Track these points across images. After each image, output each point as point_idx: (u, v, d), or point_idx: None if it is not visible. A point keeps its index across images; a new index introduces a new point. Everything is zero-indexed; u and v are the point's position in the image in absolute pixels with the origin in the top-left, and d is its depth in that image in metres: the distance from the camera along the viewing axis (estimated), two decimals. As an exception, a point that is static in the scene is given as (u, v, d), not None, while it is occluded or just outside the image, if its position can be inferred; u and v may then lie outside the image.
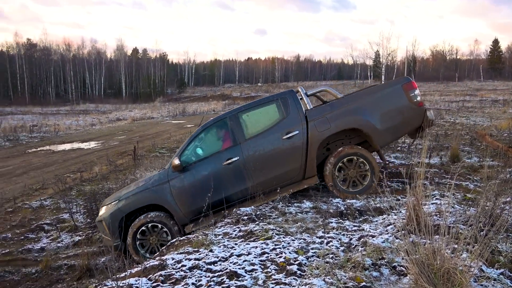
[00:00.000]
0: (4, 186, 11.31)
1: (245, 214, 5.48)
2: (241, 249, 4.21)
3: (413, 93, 6.04)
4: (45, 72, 72.17)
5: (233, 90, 69.04)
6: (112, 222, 6.04)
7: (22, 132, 23.26)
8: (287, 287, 3.26)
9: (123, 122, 30.47)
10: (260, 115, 6.28)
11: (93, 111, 44.96)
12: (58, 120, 31.38)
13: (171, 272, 3.81)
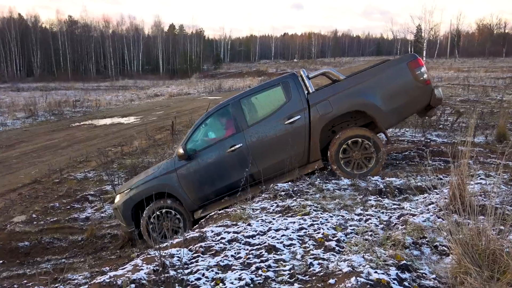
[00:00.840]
0: (51, 158, 11.86)
1: (282, 190, 5.51)
2: (279, 224, 4.25)
3: (419, 70, 5.76)
4: (85, 48, 74.03)
5: (268, 66, 68.49)
6: (124, 210, 6.26)
7: (65, 107, 24.13)
8: (325, 263, 3.27)
9: (160, 98, 31.00)
10: (262, 100, 6.23)
11: (132, 86, 45.89)
12: (99, 96, 32.30)
13: (210, 244, 3.91)
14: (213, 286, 3.10)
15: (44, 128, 18.18)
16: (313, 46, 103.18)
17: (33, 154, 12.69)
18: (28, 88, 46.28)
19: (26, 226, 7.50)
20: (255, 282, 3.14)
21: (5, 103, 27.22)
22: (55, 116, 21.70)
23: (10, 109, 23.46)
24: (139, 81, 56.43)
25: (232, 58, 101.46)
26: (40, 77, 62.38)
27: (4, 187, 9.42)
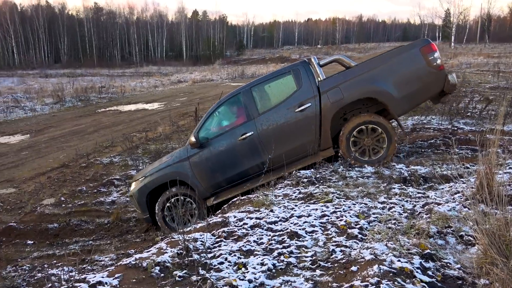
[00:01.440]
0: (78, 143, 12.16)
1: (305, 177, 5.50)
2: (301, 211, 4.26)
3: (432, 56, 5.59)
4: (111, 35, 74.96)
5: (292, 52, 67.91)
6: (139, 197, 6.39)
7: (92, 93, 24.60)
8: (348, 250, 3.27)
9: (184, 84, 31.21)
10: (273, 88, 6.19)
11: (156, 73, 46.33)
12: (124, 82, 32.77)
13: (233, 229, 3.95)
14: (235, 271, 3.14)
15: (71, 113, 18.61)
16: (337, 32, 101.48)
17: (61, 139, 13.03)
18: (55, 74, 47.33)
19: (55, 209, 7.75)
20: (277, 267, 3.18)
21: (34, 89, 27.93)
22: (81, 102, 22.16)
23: (39, 95, 24.08)
24: (163, 67, 56.89)
25: (255, 44, 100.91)
26: (67, 64, 63.68)
27: (34, 170, 9.73)
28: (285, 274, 3.09)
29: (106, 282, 3.02)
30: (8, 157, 11.03)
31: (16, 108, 19.77)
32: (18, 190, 8.63)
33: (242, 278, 2.99)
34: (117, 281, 3.05)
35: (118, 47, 74.93)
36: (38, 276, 5.66)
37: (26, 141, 13.12)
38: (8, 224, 7.15)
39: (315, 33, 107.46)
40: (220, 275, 3.04)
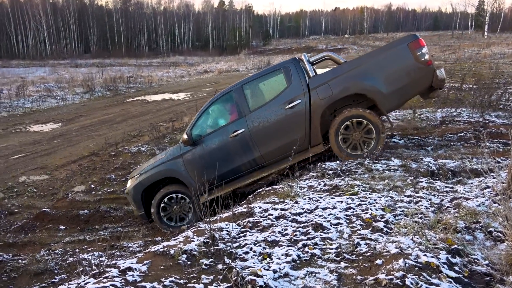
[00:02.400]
0: (107, 132, 12.46)
1: (330, 169, 5.49)
2: (326, 203, 4.26)
3: (420, 51, 5.61)
4: (138, 25, 75.91)
5: (318, 42, 67.13)
6: (135, 194, 6.50)
7: (120, 82, 25.08)
8: (373, 243, 3.26)
9: (210, 74, 31.38)
10: (264, 86, 6.26)
11: (182, 63, 46.75)
12: (151, 72, 33.22)
13: (258, 220, 4.00)
14: (260, 260, 3.19)
15: (100, 103, 19.05)
16: (365, 21, 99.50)
17: (91, 128, 13.38)
18: (85, 64, 48.39)
19: (86, 196, 8.00)
20: (301, 258, 3.20)
21: (65, 78, 28.67)
22: (110, 91, 22.62)
23: (69, 84, 24.72)
24: (189, 57, 57.32)
25: (281, 34, 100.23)
26: (96, 54, 64.97)
27: (66, 158, 10.05)
28: (309, 265, 3.12)
29: (136, 268, 3.13)
30: (41, 145, 11.43)
31: (48, 97, 20.37)
32: (51, 177, 8.94)
33: (267, 268, 3.04)
34: (145, 268, 3.15)
35: (145, 37, 75.86)
36: (70, 260, 5.89)
37: (58, 130, 13.54)
38: (42, 209, 7.43)
39: (343, 22, 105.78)
40: (245, 265, 3.09)
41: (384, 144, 5.84)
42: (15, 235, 6.74)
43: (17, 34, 67.10)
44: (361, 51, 48.46)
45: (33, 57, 60.81)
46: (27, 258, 5.92)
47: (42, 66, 47.19)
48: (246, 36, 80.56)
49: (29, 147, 11.26)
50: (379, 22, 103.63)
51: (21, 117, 16.38)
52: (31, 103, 19.11)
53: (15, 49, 66.70)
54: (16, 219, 7.28)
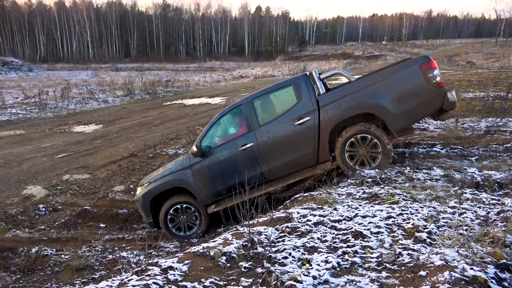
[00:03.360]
0: (146, 134, 12.77)
1: (369, 177, 5.40)
2: (365, 211, 4.20)
3: (431, 73, 5.55)
4: (177, 31, 77.64)
5: (355, 49, 66.32)
6: (144, 202, 6.58)
7: (158, 86, 25.65)
8: (415, 254, 3.19)
9: (245, 80, 31.61)
10: (274, 101, 6.30)
11: (218, 68, 47.33)
12: (188, 76, 33.82)
13: (297, 225, 3.99)
14: (299, 266, 3.18)
15: (139, 106, 19.56)
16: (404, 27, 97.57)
17: (131, 130, 13.75)
18: (125, 68, 49.89)
19: (125, 195, 8.23)
20: (341, 266, 3.17)
21: (106, 82, 29.64)
22: (149, 94, 23.20)
23: (110, 87, 25.52)
24: (225, 62, 57.99)
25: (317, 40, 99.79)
26: (136, 58, 66.90)
27: (106, 159, 10.37)
28: (349, 273, 3.08)
29: (176, 268, 3.19)
30: (83, 145, 11.85)
31: (90, 100, 21.11)
32: (92, 176, 9.25)
33: (307, 274, 3.02)
34: (186, 267, 3.21)
35: (183, 43, 77.44)
36: (109, 257, 6.07)
37: (99, 131, 13.99)
38: (84, 207, 7.70)
39: (380, 29, 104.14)
40: (284, 269, 3.09)
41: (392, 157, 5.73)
42: (59, 231, 7.01)
43: (62, 39, 70.11)
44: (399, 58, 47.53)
45: (76, 61, 63.33)
46: (69, 254, 6.14)
47: (85, 69, 49.01)
48: (282, 42, 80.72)
49: (73, 147, 11.70)
50: (419, 28, 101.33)
51: (65, 118, 17.06)
52: (75, 104, 19.87)
53: (60, 53, 69.67)
54: (60, 216, 7.57)
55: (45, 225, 7.24)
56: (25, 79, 36.54)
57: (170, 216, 6.53)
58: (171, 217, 6.54)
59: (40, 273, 5.73)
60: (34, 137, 13.35)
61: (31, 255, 6.03)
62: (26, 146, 12.08)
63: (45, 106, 19.32)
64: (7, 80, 35.44)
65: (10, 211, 7.54)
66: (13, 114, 17.92)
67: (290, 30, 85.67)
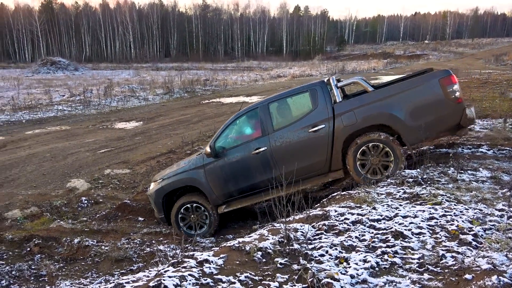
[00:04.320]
0: (184, 131, 12.97)
1: (410, 176, 5.23)
2: (406, 211, 4.06)
3: (451, 88, 5.42)
4: (215, 31, 78.59)
5: (396, 48, 64.67)
6: (156, 198, 6.68)
7: (197, 85, 26.05)
8: (460, 256, 3.04)
9: (283, 79, 31.52)
10: (290, 106, 6.26)
11: (256, 67, 47.48)
12: (226, 76, 34.14)
13: (334, 223, 3.91)
14: (337, 264, 3.10)
15: (178, 104, 19.92)
16: (448, 26, 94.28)
17: (169, 127, 14.02)
18: (165, 67, 50.98)
19: (163, 191, 8.36)
20: (380, 266, 3.07)
21: (147, 80, 30.40)
22: (188, 93, 23.59)
23: (151, 86, 26.17)
24: (263, 62, 58.11)
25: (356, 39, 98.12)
26: (175, 58, 68.29)
27: (146, 154, 10.61)
28: (389, 273, 2.98)
29: (212, 261, 3.19)
30: (124, 141, 12.19)
31: (131, 98, 21.72)
32: (132, 171, 9.48)
33: (344, 272, 2.95)
34: (222, 261, 3.20)
35: (221, 42, 78.27)
36: (147, 250, 6.18)
37: (140, 128, 14.35)
38: (123, 201, 7.90)
39: (423, 27, 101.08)
40: (321, 267, 3.03)
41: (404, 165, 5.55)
42: (99, 223, 7.22)
43: (106, 39, 72.60)
44: (442, 57, 45.95)
45: (119, 61, 65.38)
46: (109, 245, 6.31)
47: (127, 69, 50.47)
48: (320, 41, 79.99)
49: (114, 143, 12.06)
50: (464, 27, 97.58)
51: (107, 114, 17.63)
52: (117, 102, 20.50)
53: (104, 53, 72.19)
54: (101, 208, 7.81)
55: (87, 217, 7.49)
56: (71, 78, 38.10)
57: (181, 215, 6.63)
58: (182, 216, 6.63)
59: (81, 262, 5.93)
60: (78, 133, 13.88)
61: (73, 245, 6.24)
62: (71, 141, 12.56)
63: (89, 103, 20.06)
64: (55, 79, 37.07)
65: (55, 203, 7.86)
66: (60, 110, 18.72)
67: (328, 29, 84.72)
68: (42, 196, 8.21)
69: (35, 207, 7.65)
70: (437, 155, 6.47)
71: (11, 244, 6.33)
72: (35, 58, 60.95)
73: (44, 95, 23.05)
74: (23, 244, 6.31)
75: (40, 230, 6.76)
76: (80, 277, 5.54)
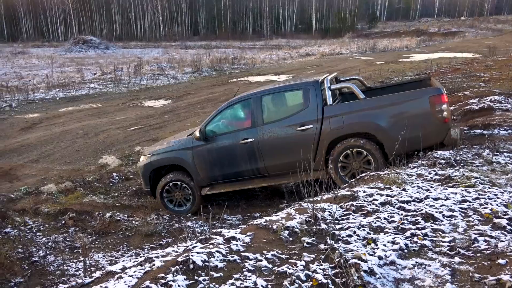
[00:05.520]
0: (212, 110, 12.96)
1: (442, 158, 5.09)
2: (437, 193, 3.95)
3: (440, 107, 5.51)
4: (244, 9, 77.67)
5: (430, 25, 62.36)
6: (144, 172, 6.92)
7: (225, 63, 26.02)
8: (493, 241, 2.95)
9: (312, 57, 31.04)
10: (282, 101, 6.44)
11: (285, 46, 46.83)
12: (254, 54, 33.88)
13: (362, 204, 3.86)
14: (364, 245, 3.07)
15: (206, 82, 19.99)
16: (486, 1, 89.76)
17: (198, 105, 14.12)
18: (193, 46, 51.02)
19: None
20: (409, 248, 3.02)
21: (175, 59, 30.57)
22: (216, 71, 23.61)
23: (179, 64, 26.32)
24: (291, 40, 57.25)
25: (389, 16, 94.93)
26: (204, 36, 68.04)
27: (174, 132, 10.71)
28: (418, 256, 2.93)
29: (239, 238, 3.22)
30: (154, 119, 12.38)
31: (160, 76, 21.93)
32: (161, 148, 9.63)
33: (372, 253, 2.92)
34: (249, 239, 3.23)
35: (250, 20, 77.39)
36: (176, 226, 6.33)
37: (168, 106, 14.53)
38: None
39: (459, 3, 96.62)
40: (348, 247, 3.01)
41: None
42: (130, 199, 7.42)
43: (136, 18, 73.05)
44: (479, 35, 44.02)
45: (148, 39, 65.75)
46: (139, 220, 6.49)
47: (156, 47, 50.78)
48: (351, 18, 77.86)
49: (144, 120, 12.27)
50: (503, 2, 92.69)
51: (137, 93, 17.90)
52: (146, 80, 20.76)
53: (134, 31, 72.75)
54: (131, 184, 8.01)
55: (118, 192, 7.70)
56: (102, 56, 38.74)
57: (166, 192, 6.86)
58: (167, 191, 6.86)
59: (113, 236, 6.12)
60: (109, 111, 14.18)
61: (105, 219, 6.44)
62: (102, 118, 12.86)
63: (119, 81, 20.40)
64: (87, 57, 37.79)
65: (88, 178, 8.10)
66: (91, 88, 19.14)
67: (360, 6, 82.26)
68: (76, 172, 8.48)
69: (69, 182, 7.92)
70: (472, 136, 6.27)
71: (47, 216, 6.60)
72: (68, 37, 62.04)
73: (76, 73, 23.60)
74: (58, 217, 6.56)
75: (74, 204, 7.01)
76: (112, 250, 5.74)
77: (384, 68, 18.38)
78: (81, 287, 3.01)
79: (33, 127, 12.26)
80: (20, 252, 5.44)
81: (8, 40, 60.99)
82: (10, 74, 24.95)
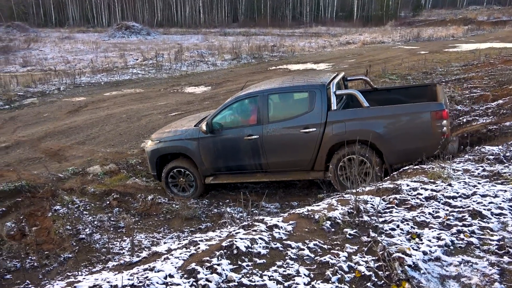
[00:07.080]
0: (251, 98, 13.07)
1: (490, 153, 4.92)
2: (485, 190, 3.84)
3: (440, 123, 5.61)
4: (284, -5, 76.85)
5: (479, 13, 59.37)
6: (151, 157, 7.20)
7: (264, 51, 25.92)
8: (546, 241, 2.84)
9: (352, 46, 30.40)
10: (288, 101, 6.66)
11: (324, 34, 46.05)
12: (293, 42, 33.54)
13: (406, 198, 3.81)
14: (408, 239, 3.04)
15: (245, 69, 20.03)
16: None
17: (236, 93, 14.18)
18: (233, 33, 51.10)
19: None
20: (455, 245, 2.97)
21: (215, 46, 30.74)
22: (255, 59, 23.59)
23: (219, 51, 26.47)
24: (331, 28, 56.20)
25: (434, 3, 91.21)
26: (243, 23, 67.97)
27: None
28: (464, 253, 2.87)
29: (281, 227, 3.26)
30: (193, 105, 12.57)
31: (200, 62, 22.17)
32: (201, 135, 9.78)
33: (416, 248, 2.89)
34: (291, 227, 3.27)
35: (289, 7, 76.50)
36: (214, 211, 6.46)
37: (208, 92, 14.70)
38: (193, 163, 8.21)
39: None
40: (391, 241, 2.99)
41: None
42: (171, 183, 7.60)
43: (177, 4, 73.88)
44: (533, 24, 41.48)
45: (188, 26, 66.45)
46: (179, 204, 6.66)
47: (196, 34, 51.23)
48: (394, 6, 75.38)
49: (184, 106, 12.49)
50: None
51: (178, 79, 18.19)
52: (186, 67, 21.05)
53: (174, 18, 73.67)
54: (172, 169, 8.19)
55: (160, 176, 7.91)
56: (143, 42, 39.53)
57: (171, 177, 7.16)
58: (172, 176, 7.15)
59: (154, 218, 6.33)
60: (151, 96, 14.52)
61: (147, 201, 6.66)
62: (144, 103, 13.19)
63: (160, 67, 20.80)
64: (129, 43, 38.67)
65: (131, 161, 8.38)
66: (134, 74, 19.62)
67: (404, -7, 79.51)
68: (119, 154, 8.79)
69: (113, 164, 8.21)
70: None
71: (93, 196, 6.90)
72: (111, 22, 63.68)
73: (119, 58, 24.23)
74: (103, 198, 6.84)
75: (118, 185, 7.28)
76: (154, 231, 5.93)
77: (429, 58, 17.76)
78: (129, 265, 3.15)
79: (80, 110, 12.76)
80: (69, 229, 5.73)
81: (56, 25, 63.33)
82: (57, 59, 25.97)
